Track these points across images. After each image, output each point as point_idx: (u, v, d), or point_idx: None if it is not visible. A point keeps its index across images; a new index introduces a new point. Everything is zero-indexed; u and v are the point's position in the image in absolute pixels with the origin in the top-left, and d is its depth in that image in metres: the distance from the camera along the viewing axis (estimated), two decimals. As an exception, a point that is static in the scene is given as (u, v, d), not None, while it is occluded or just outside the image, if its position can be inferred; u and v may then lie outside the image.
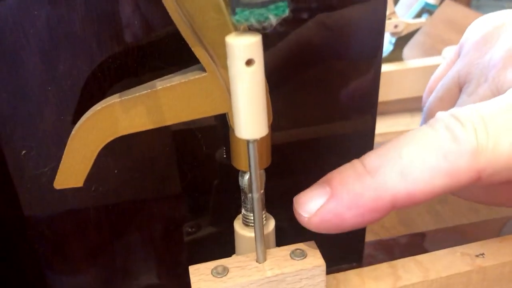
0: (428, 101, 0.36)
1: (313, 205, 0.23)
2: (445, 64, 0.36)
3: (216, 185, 0.32)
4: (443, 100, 0.34)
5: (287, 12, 0.18)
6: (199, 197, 0.32)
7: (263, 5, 0.17)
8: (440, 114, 0.23)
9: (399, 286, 0.25)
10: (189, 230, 0.34)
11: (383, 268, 0.26)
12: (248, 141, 0.21)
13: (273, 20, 0.18)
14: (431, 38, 0.84)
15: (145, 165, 0.30)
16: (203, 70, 0.22)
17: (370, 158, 0.22)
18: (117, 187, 0.30)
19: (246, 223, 0.27)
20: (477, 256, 0.26)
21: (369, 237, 0.42)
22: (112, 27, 0.25)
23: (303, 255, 0.24)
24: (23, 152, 0.27)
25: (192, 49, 0.21)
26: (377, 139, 0.54)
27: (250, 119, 0.20)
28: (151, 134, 0.24)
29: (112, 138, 0.23)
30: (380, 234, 0.42)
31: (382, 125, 0.54)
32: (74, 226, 0.31)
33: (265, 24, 0.18)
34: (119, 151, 0.29)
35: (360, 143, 0.33)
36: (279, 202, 0.34)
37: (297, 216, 0.24)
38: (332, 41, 0.28)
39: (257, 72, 0.19)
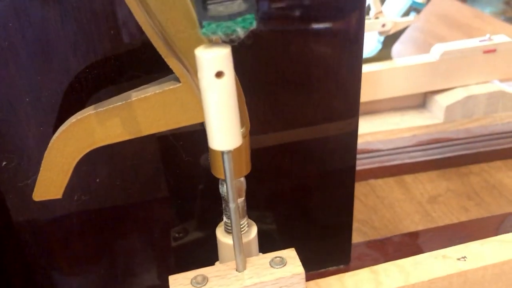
0: None
1: None
2: None
3: (201, 190, 0.32)
4: None
5: (254, 25, 0.18)
6: (184, 203, 0.32)
7: (230, 18, 0.17)
8: None
9: (381, 291, 0.25)
10: (176, 235, 0.34)
11: (365, 273, 0.26)
12: (222, 152, 0.21)
13: (240, 32, 0.18)
14: (424, 33, 0.83)
15: (127, 173, 0.30)
16: (178, 80, 0.22)
17: None
18: (100, 196, 0.30)
19: (228, 231, 0.27)
20: (458, 259, 0.26)
21: (358, 238, 0.42)
22: (88, 37, 0.25)
23: (282, 263, 0.24)
24: (4, 163, 0.27)
25: (165, 60, 0.21)
26: (366, 138, 0.54)
27: (223, 131, 0.20)
28: (133, 142, 0.24)
29: (89, 149, 0.23)
30: (369, 235, 0.42)
31: (371, 124, 0.54)
32: (60, 236, 0.31)
33: (233, 36, 0.18)
34: (100, 160, 0.29)
35: (343, 144, 0.33)
36: (264, 205, 0.34)
37: None
38: (313, 40, 0.28)
39: (228, 83, 0.19)
